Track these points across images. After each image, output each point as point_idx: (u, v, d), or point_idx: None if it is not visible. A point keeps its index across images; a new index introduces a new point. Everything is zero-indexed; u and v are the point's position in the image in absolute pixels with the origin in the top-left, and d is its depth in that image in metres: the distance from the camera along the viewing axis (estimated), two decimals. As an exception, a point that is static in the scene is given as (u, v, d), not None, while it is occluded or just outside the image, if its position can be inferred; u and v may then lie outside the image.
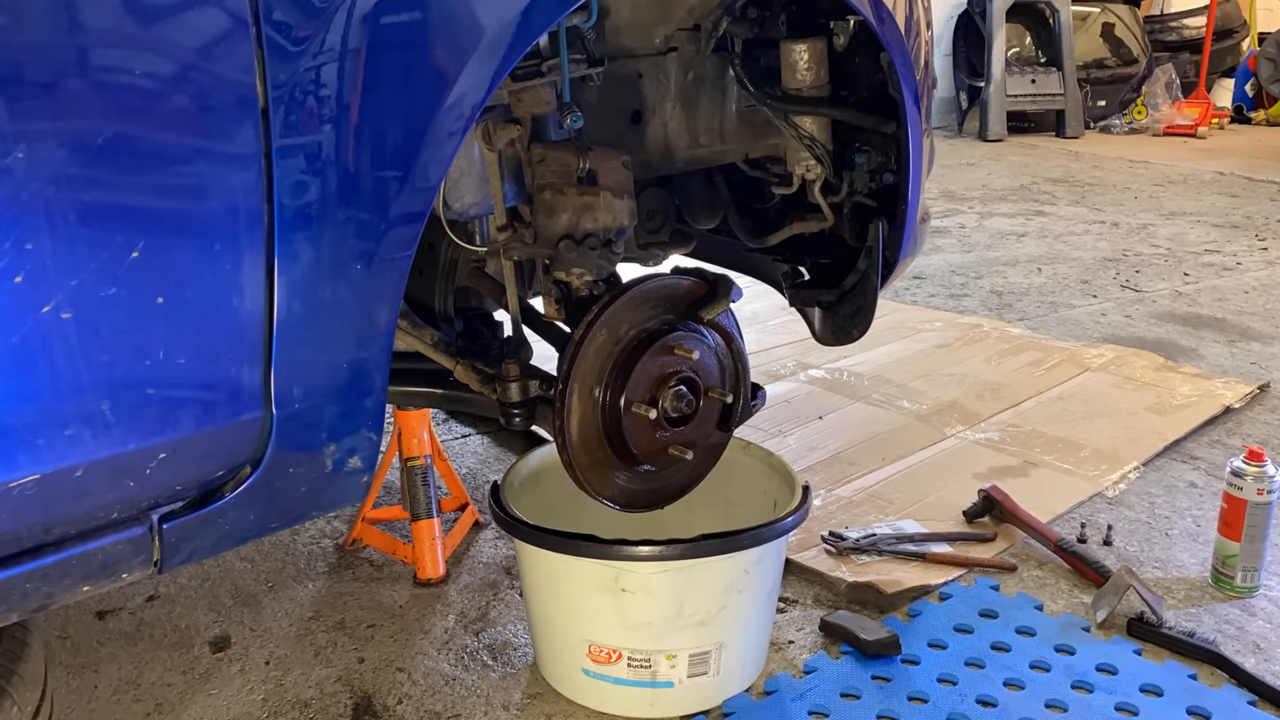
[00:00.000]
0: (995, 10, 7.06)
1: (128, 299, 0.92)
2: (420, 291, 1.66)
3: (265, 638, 1.86)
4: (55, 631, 1.87)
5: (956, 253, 4.33)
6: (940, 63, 7.50)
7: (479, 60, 1.11)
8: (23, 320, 0.88)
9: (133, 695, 1.71)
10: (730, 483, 1.81)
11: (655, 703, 1.61)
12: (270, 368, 1.03)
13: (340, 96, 1.00)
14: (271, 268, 1.00)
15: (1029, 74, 7.23)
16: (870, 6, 1.58)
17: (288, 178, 0.98)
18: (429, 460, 2.03)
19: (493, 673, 1.75)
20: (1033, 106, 7.32)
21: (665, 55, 1.69)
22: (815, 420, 2.64)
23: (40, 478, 0.93)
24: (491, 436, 2.66)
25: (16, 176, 0.85)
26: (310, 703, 1.69)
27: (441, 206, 1.41)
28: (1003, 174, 6.16)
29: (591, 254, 1.38)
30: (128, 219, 0.91)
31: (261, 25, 0.94)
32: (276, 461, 1.08)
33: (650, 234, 1.86)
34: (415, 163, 1.08)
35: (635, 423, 1.38)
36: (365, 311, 1.08)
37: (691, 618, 1.55)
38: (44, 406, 0.91)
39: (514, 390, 1.44)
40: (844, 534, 2.04)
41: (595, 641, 1.58)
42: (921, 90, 1.73)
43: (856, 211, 1.85)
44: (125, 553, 1.02)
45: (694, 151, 1.78)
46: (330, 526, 2.22)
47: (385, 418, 1.21)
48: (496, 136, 1.37)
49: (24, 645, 1.25)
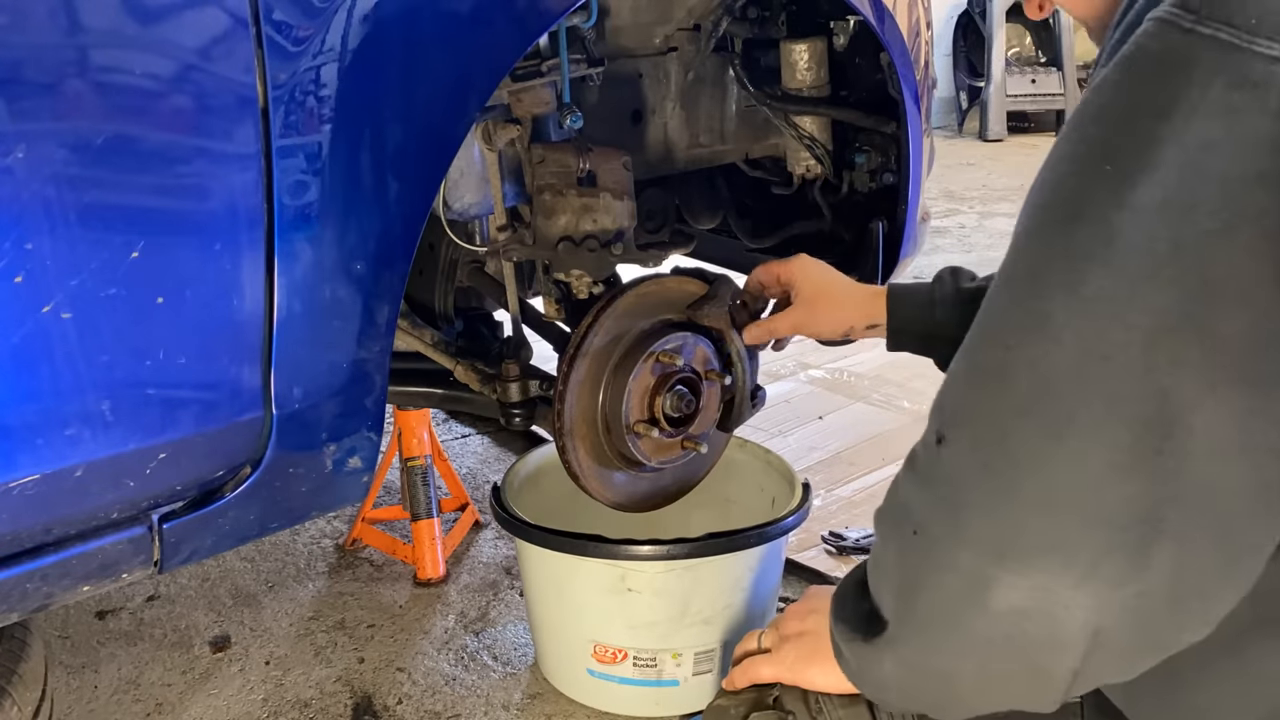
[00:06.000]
0: (995, 10, 7.05)
1: (128, 299, 0.92)
2: (420, 291, 1.66)
3: (265, 638, 1.86)
4: (55, 631, 1.87)
5: (956, 253, 4.33)
6: (940, 63, 7.50)
7: (479, 60, 1.11)
8: (23, 320, 0.88)
9: (133, 695, 1.71)
10: (729, 481, 1.81)
11: (661, 702, 1.61)
12: (270, 368, 1.03)
13: (340, 96, 1.00)
14: (271, 268, 1.00)
15: (1029, 74, 7.23)
16: (870, 6, 1.58)
17: (288, 178, 0.98)
18: (429, 460, 2.03)
19: (493, 673, 1.75)
20: (1033, 106, 7.31)
21: (665, 55, 1.69)
22: (815, 420, 2.64)
23: (40, 478, 0.93)
24: (491, 436, 2.66)
25: (16, 176, 0.84)
26: (310, 703, 1.69)
27: (441, 206, 1.40)
28: (1003, 174, 6.16)
29: (591, 255, 1.38)
30: (128, 219, 0.91)
31: (261, 25, 0.93)
32: (276, 461, 1.08)
33: (650, 234, 1.86)
34: (415, 163, 1.08)
35: (637, 429, 1.38)
36: (365, 311, 1.08)
37: (697, 616, 1.55)
38: (44, 406, 0.91)
39: (514, 390, 1.44)
40: (844, 534, 2.04)
41: (600, 641, 1.59)
42: (921, 90, 1.73)
43: (856, 212, 1.85)
44: (125, 553, 1.02)
45: (694, 151, 1.78)
46: (330, 526, 2.22)
47: (385, 418, 1.21)
48: (496, 136, 1.37)
49: (24, 645, 1.25)
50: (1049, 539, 0.65)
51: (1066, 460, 0.64)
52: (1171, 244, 0.60)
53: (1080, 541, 0.64)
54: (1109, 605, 0.65)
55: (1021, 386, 0.65)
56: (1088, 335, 0.63)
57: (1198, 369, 0.61)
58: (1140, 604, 0.65)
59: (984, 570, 0.67)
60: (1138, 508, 0.63)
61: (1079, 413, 0.63)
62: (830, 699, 0.94)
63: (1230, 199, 0.59)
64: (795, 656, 0.94)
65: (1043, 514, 0.65)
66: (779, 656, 0.96)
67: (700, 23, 1.67)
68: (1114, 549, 0.64)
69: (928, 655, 0.75)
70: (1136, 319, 0.61)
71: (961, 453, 0.70)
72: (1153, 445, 0.62)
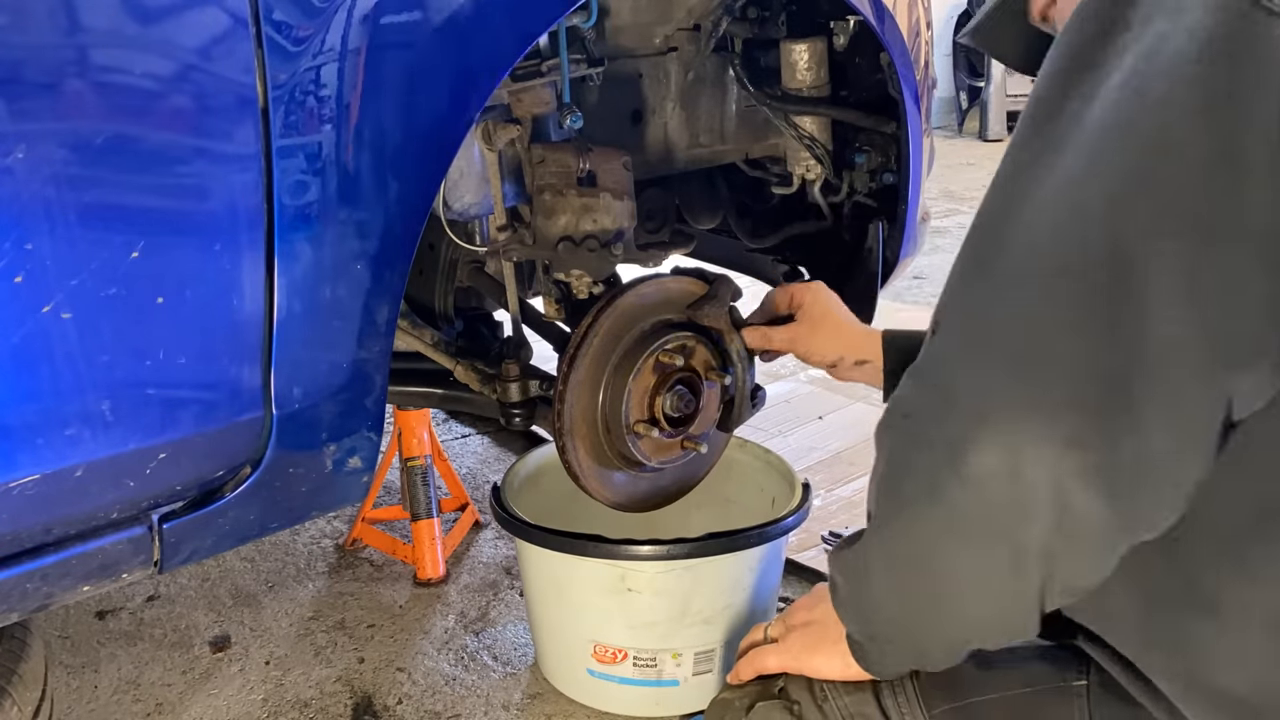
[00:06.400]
0: (995, 10, 7.04)
1: (128, 299, 0.92)
2: (420, 291, 1.66)
3: (265, 638, 1.86)
4: (55, 631, 1.87)
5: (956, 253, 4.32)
6: (940, 63, 7.50)
7: (479, 60, 1.10)
8: (23, 320, 0.88)
9: (133, 695, 1.71)
10: (728, 481, 1.81)
11: (661, 702, 1.61)
12: (270, 368, 1.03)
13: (340, 96, 1.00)
14: (271, 268, 1.00)
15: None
16: (870, 6, 1.58)
17: (288, 178, 0.98)
18: (429, 460, 2.03)
19: (493, 673, 1.75)
20: (1033, 106, 7.31)
21: (665, 55, 1.69)
22: (815, 420, 2.64)
23: (40, 478, 0.93)
24: (491, 436, 2.66)
25: (16, 176, 0.85)
26: (310, 703, 1.69)
27: (441, 206, 1.40)
28: (1003, 174, 6.15)
29: (591, 255, 1.38)
30: (128, 219, 0.91)
31: (261, 25, 0.93)
32: (276, 461, 1.08)
33: (650, 234, 1.86)
34: (415, 163, 1.08)
35: (637, 429, 1.38)
36: (365, 311, 1.08)
37: (697, 616, 1.55)
38: (44, 406, 0.91)
39: (514, 390, 1.44)
40: (844, 534, 2.04)
41: (601, 642, 1.59)
42: (921, 90, 1.73)
43: (856, 211, 1.84)
44: (125, 553, 1.02)
45: (694, 151, 1.78)
46: (330, 526, 2.22)
47: (385, 418, 1.21)
48: (496, 136, 1.37)
49: (24, 645, 1.25)
50: (1015, 394, 0.70)
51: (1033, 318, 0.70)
52: (1126, 115, 0.68)
53: (1043, 394, 0.69)
54: (1071, 466, 0.68)
55: (999, 263, 0.73)
56: (1056, 202, 0.70)
57: (1148, 222, 0.67)
58: (1103, 474, 0.68)
59: (963, 434, 0.71)
60: (1095, 363, 0.68)
61: (1043, 273, 0.70)
62: (836, 687, 0.94)
63: (1172, 72, 0.67)
64: (801, 645, 0.95)
65: (1011, 371, 0.70)
66: (785, 645, 0.97)
67: (700, 23, 1.67)
68: (1074, 405, 0.68)
69: (910, 532, 0.78)
70: (1095, 182, 0.69)
71: (947, 335, 0.76)
72: (1108, 298, 0.67)
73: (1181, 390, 0.67)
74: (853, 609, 0.88)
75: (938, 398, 0.75)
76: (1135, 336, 0.66)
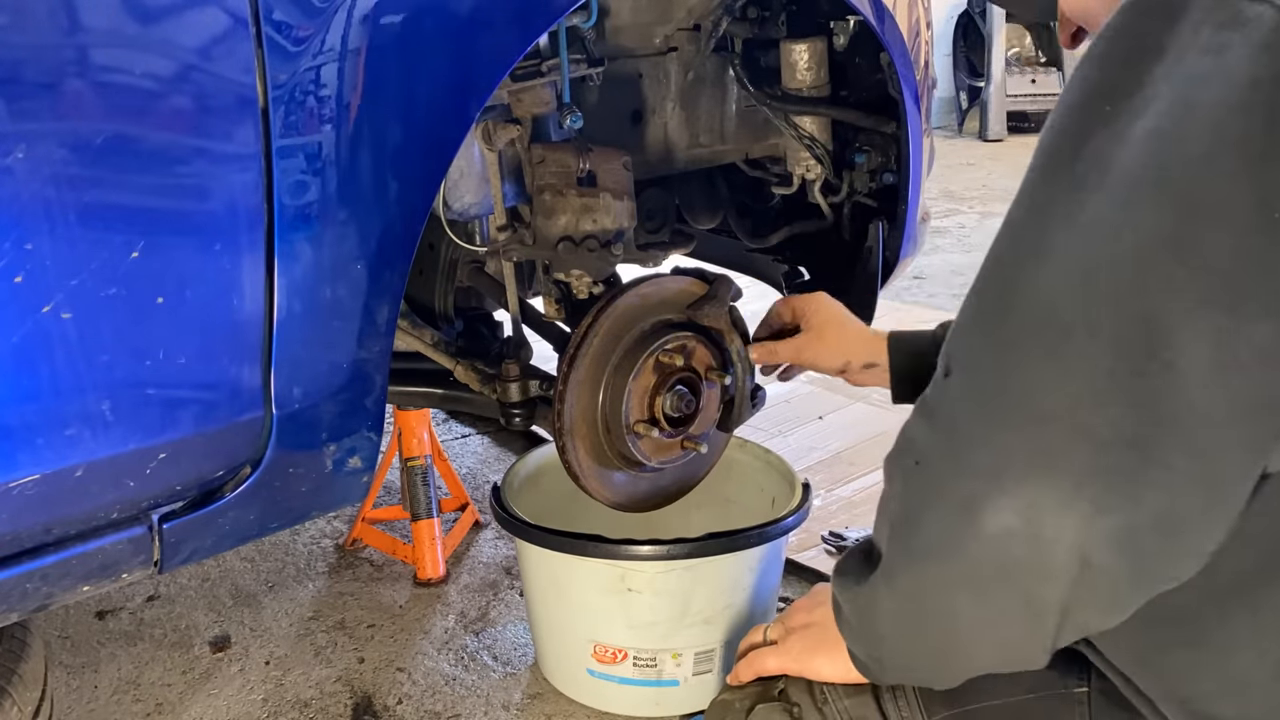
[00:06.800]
0: (995, 10, 7.05)
1: (127, 299, 0.92)
2: (420, 291, 1.66)
3: (265, 638, 1.86)
4: (55, 631, 1.87)
5: (956, 253, 4.33)
6: (940, 63, 7.50)
7: (479, 60, 1.10)
8: (23, 320, 0.88)
9: (133, 695, 1.71)
10: (728, 481, 1.81)
11: (661, 702, 1.61)
12: (270, 368, 1.03)
13: (340, 96, 1.00)
14: (271, 268, 1.00)
15: (1029, 74, 7.23)
16: (870, 6, 1.58)
17: (288, 178, 0.98)
18: (429, 460, 2.03)
19: (493, 673, 1.75)
20: (1033, 106, 7.31)
21: (665, 55, 1.69)
22: (815, 420, 2.64)
23: (40, 478, 0.93)
24: (491, 436, 2.66)
25: (16, 176, 0.85)
26: (310, 703, 1.69)
27: (441, 206, 1.40)
28: (1003, 174, 6.16)
29: (591, 255, 1.38)
30: (128, 219, 0.91)
31: (261, 25, 0.93)
32: (276, 461, 1.08)
33: (650, 234, 1.86)
34: (415, 163, 1.08)
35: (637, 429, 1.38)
36: (365, 311, 1.08)
37: (697, 616, 1.55)
38: (44, 406, 0.91)
39: (514, 390, 1.44)
40: (844, 534, 2.04)
41: (600, 641, 1.59)
42: (921, 90, 1.73)
43: (856, 211, 1.85)
44: (125, 553, 1.02)
45: (694, 151, 1.78)
46: (330, 526, 2.22)
47: (385, 418, 1.21)
48: (496, 136, 1.37)
49: (24, 645, 1.25)
50: (1037, 459, 0.67)
51: (1055, 381, 0.66)
52: (1161, 169, 0.63)
53: (1066, 461, 0.66)
54: (1095, 531, 0.66)
55: (1018, 314, 0.69)
56: (1082, 258, 0.66)
57: (1182, 288, 0.63)
58: (1127, 535, 0.66)
59: (978, 492, 0.69)
60: (1122, 430, 0.65)
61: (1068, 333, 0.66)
62: (836, 689, 0.94)
63: (1214, 126, 0.62)
64: (801, 647, 0.95)
65: (1033, 435, 0.67)
66: (785, 647, 0.97)
67: (700, 23, 1.67)
68: (1099, 471, 0.65)
69: (922, 584, 0.76)
70: (1127, 238, 0.64)
71: (962, 383, 0.73)
72: (1136, 366, 0.64)
73: (1217, 460, 0.65)
74: (858, 636, 0.86)
75: (949, 446, 0.72)
76: (1169, 407, 0.64)
